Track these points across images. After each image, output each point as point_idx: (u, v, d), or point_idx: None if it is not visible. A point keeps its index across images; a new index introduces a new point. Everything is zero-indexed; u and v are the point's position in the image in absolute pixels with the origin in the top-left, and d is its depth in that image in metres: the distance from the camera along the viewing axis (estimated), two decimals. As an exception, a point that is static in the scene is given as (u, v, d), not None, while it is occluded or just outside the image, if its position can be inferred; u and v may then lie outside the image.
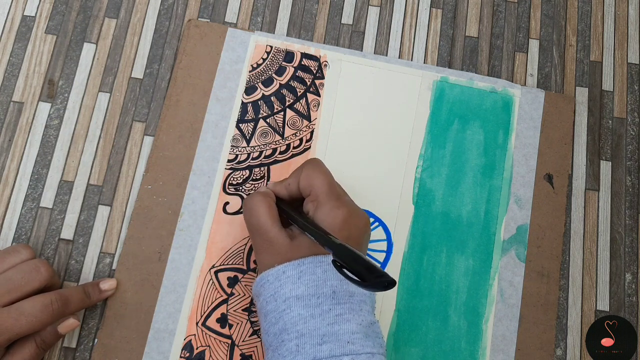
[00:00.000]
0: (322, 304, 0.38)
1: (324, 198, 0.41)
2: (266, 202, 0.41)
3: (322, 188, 0.41)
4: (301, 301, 0.38)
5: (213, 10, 0.52)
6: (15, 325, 0.38)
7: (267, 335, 0.39)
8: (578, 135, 0.52)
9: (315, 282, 0.38)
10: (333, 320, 0.37)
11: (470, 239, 0.49)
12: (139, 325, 0.45)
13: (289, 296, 0.38)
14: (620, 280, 0.49)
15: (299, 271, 0.38)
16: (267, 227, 0.40)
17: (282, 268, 0.39)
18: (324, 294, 0.38)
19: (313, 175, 0.42)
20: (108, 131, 0.49)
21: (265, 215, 0.41)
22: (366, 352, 0.37)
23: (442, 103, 0.51)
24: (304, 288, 0.38)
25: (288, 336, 0.37)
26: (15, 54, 0.50)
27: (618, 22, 0.55)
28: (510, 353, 0.47)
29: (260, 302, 0.40)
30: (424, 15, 0.54)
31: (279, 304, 0.38)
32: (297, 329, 0.37)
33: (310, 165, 0.43)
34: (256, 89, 0.50)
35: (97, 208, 0.48)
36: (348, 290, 0.39)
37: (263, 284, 0.39)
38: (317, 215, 0.40)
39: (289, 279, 0.38)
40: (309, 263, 0.39)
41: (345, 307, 0.38)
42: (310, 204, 0.41)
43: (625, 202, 0.51)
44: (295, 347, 0.37)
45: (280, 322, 0.38)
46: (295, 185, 0.43)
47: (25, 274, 0.40)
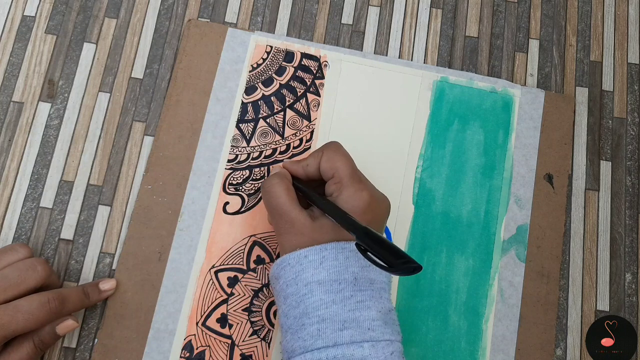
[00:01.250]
0: (344, 289, 0.38)
1: (348, 181, 0.41)
2: (284, 183, 0.42)
3: (346, 171, 0.41)
4: (323, 286, 0.38)
5: (213, 10, 0.52)
6: (12, 323, 0.38)
7: (286, 318, 0.39)
8: (578, 135, 0.52)
9: (337, 268, 0.38)
10: (354, 307, 0.37)
11: (470, 239, 0.49)
12: (139, 325, 0.45)
13: (310, 280, 0.38)
14: (620, 280, 0.49)
15: (321, 256, 0.38)
16: (287, 207, 0.40)
17: (304, 252, 0.39)
18: (346, 280, 0.38)
19: (336, 158, 0.42)
20: (108, 131, 0.49)
21: (285, 196, 0.41)
22: (385, 339, 0.37)
23: (442, 103, 0.51)
24: (326, 273, 0.38)
25: (309, 320, 0.37)
26: (15, 54, 0.50)
27: (618, 22, 0.55)
28: (510, 353, 0.47)
29: (279, 284, 0.40)
30: (424, 15, 0.54)
31: (300, 288, 0.38)
32: (318, 313, 0.37)
33: (332, 148, 0.43)
34: (256, 89, 0.50)
35: (97, 208, 0.48)
36: (369, 277, 0.39)
37: (284, 267, 0.40)
38: (341, 198, 0.40)
39: (311, 263, 0.38)
40: (331, 249, 0.39)
41: (366, 294, 0.38)
42: (334, 186, 0.41)
43: (625, 202, 0.51)
44: (316, 332, 0.37)
45: (301, 305, 0.38)
46: (315, 166, 0.43)
47: (22, 272, 0.40)
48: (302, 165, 0.44)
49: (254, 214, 0.48)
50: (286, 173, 0.43)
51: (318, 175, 0.43)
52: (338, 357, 0.36)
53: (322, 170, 0.42)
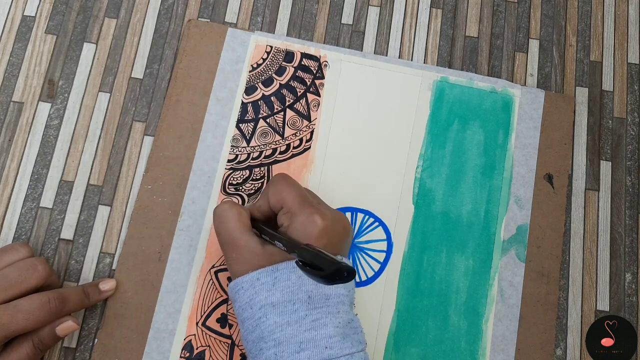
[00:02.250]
0: (299, 310, 0.37)
1: (297, 208, 0.40)
2: (235, 209, 0.41)
3: (293, 199, 0.41)
4: (277, 308, 0.37)
5: (213, 10, 0.52)
6: (12, 323, 0.38)
7: (246, 342, 0.39)
8: (578, 135, 0.52)
9: (291, 287, 0.38)
10: (310, 326, 0.37)
11: (470, 239, 0.49)
12: (139, 325, 0.45)
13: (264, 303, 0.38)
14: (620, 280, 0.49)
15: (273, 277, 0.38)
16: (237, 234, 0.40)
17: (256, 275, 0.38)
18: (300, 299, 0.38)
19: (280, 190, 0.41)
20: (108, 131, 0.49)
21: (235, 222, 0.40)
22: (345, 354, 0.37)
23: (442, 103, 0.51)
24: (279, 294, 0.38)
25: (266, 344, 0.37)
26: (15, 54, 0.50)
27: (618, 22, 0.55)
28: (510, 353, 0.47)
29: (236, 308, 0.40)
30: (424, 15, 0.54)
31: (255, 312, 0.38)
32: (274, 337, 0.37)
33: (276, 180, 0.43)
34: (256, 89, 0.50)
35: (97, 208, 0.48)
36: (324, 293, 0.38)
37: (237, 291, 0.39)
38: (292, 227, 0.40)
39: (264, 285, 0.38)
40: (283, 269, 0.38)
41: (321, 311, 0.38)
42: (284, 217, 0.41)
43: (625, 202, 0.51)
44: (273, 356, 0.37)
45: (257, 330, 0.38)
46: (266, 204, 0.42)
47: (22, 271, 0.40)
48: (256, 207, 0.43)
49: (254, 214, 0.48)
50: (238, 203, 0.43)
51: (272, 212, 0.42)
52: None
53: (271, 204, 0.42)
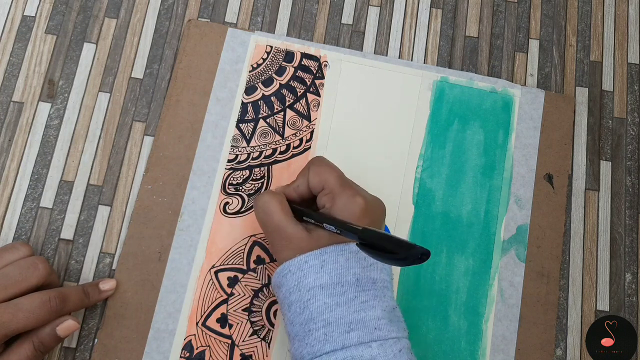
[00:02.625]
0: (347, 292, 0.38)
1: (339, 189, 0.41)
2: (277, 199, 0.42)
3: (335, 180, 0.41)
4: (325, 290, 0.38)
5: (213, 10, 0.52)
6: (12, 321, 0.38)
7: (292, 326, 0.39)
8: (578, 135, 0.52)
9: (339, 270, 0.38)
10: (359, 308, 0.38)
11: (470, 239, 0.49)
12: (139, 325, 0.45)
13: (312, 285, 0.38)
14: (620, 280, 0.49)
15: (321, 260, 0.39)
16: (283, 223, 0.40)
17: (304, 258, 0.39)
18: (348, 282, 0.38)
19: (322, 170, 0.42)
20: (108, 131, 0.49)
21: (279, 212, 0.41)
22: (392, 337, 0.37)
23: (442, 103, 0.51)
24: (328, 277, 0.38)
25: (315, 325, 0.38)
26: (15, 54, 0.50)
27: (618, 22, 0.55)
28: (510, 353, 0.47)
29: (282, 292, 0.40)
30: (424, 15, 0.54)
31: (303, 294, 0.38)
32: (323, 317, 0.37)
33: (316, 162, 0.43)
34: (256, 89, 0.50)
35: (97, 208, 0.48)
36: (371, 276, 0.39)
37: (285, 275, 0.39)
38: (335, 207, 0.40)
39: (312, 268, 0.38)
40: (331, 252, 0.39)
41: (369, 293, 0.38)
42: (325, 197, 0.41)
43: (625, 202, 0.51)
44: (323, 336, 0.37)
45: (305, 311, 0.38)
46: (305, 185, 0.43)
47: (23, 270, 0.40)
48: (292, 187, 0.43)
49: (254, 214, 0.48)
50: (278, 191, 0.43)
51: (310, 193, 0.43)
52: (347, 359, 0.36)
53: (311, 185, 0.42)
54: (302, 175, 0.43)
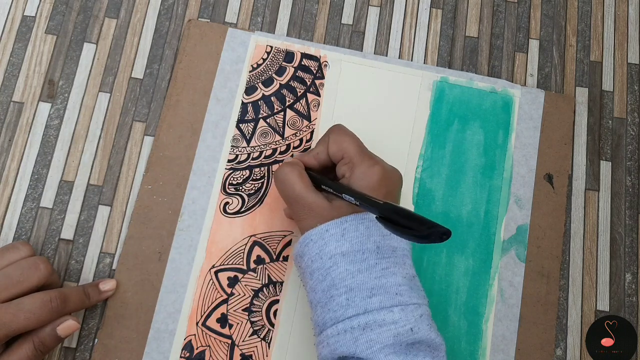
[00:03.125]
0: (368, 258, 0.38)
1: (358, 159, 0.41)
2: (296, 170, 0.42)
3: (354, 149, 0.42)
4: (347, 257, 0.38)
5: (213, 10, 0.52)
6: (14, 321, 0.38)
7: (314, 293, 0.40)
8: (578, 135, 0.52)
9: (359, 238, 0.39)
10: (380, 274, 0.38)
11: (470, 239, 0.49)
12: (139, 325, 0.45)
13: (334, 253, 0.39)
14: (620, 280, 0.49)
15: (342, 229, 0.39)
16: (304, 193, 0.41)
17: (325, 227, 0.39)
18: (369, 249, 0.39)
19: (342, 139, 0.43)
20: (108, 131, 0.49)
21: (299, 182, 0.41)
22: (413, 303, 0.38)
23: (442, 103, 0.51)
24: (349, 245, 0.39)
25: (337, 291, 0.38)
26: (15, 54, 0.50)
27: (618, 22, 0.55)
28: (510, 353, 0.47)
29: (304, 261, 0.40)
30: (424, 15, 0.54)
31: (325, 262, 0.39)
32: (345, 283, 0.38)
33: (336, 130, 0.44)
34: (256, 89, 0.50)
35: (97, 208, 0.48)
36: (391, 245, 0.39)
37: (307, 244, 0.40)
38: (354, 176, 0.41)
39: (333, 236, 0.39)
40: (351, 220, 0.39)
41: (390, 261, 0.39)
42: (345, 167, 0.42)
43: (625, 202, 0.51)
44: (345, 301, 0.37)
45: (327, 278, 0.39)
46: (325, 153, 0.43)
47: (24, 270, 0.40)
48: (312, 155, 0.44)
49: (254, 214, 0.48)
50: (297, 161, 0.44)
51: (329, 161, 0.44)
52: (370, 323, 0.37)
53: (330, 153, 0.43)
54: (322, 142, 0.44)
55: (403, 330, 0.36)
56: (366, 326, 0.36)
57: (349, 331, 0.37)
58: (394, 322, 0.37)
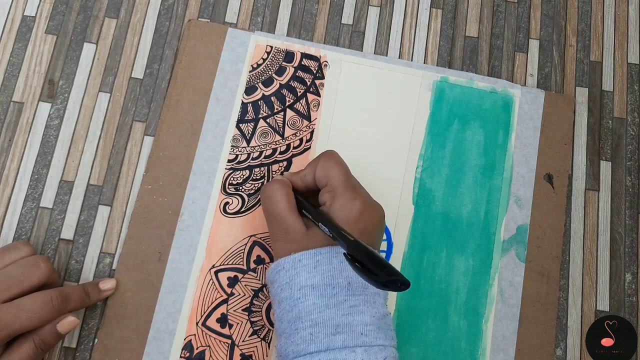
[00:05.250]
0: (337, 294, 0.38)
1: (341, 189, 0.41)
2: (284, 189, 0.42)
3: (339, 179, 0.41)
4: (316, 290, 0.38)
5: (213, 10, 0.52)
6: (15, 321, 0.38)
7: (280, 323, 0.39)
8: (578, 135, 0.52)
9: (331, 272, 0.38)
10: (347, 312, 0.37)
11: (470, 239, 0.49)
12: (139, 325, 0.45)
13: (304, 285, 0.38)
14: (620, 280, 0.49)
15: (315, 260, 0.39)
16: (285, 214, 0.41)
17: (298, 256, 0.39)
18: (340, 284, 0.38)
19: (329, 166, 0.42)
20: (108, 131, 0.49)
21: (284, 202, 0.41)
22: (379, 344, 0.37)
23: (442, 103, 0.51)
24: (320, 277, 0.38)
25: (302, 324, 0.38)
26: (15, 54, 0.50)
27: (618, 22, 0.55)
28: (510, 353, 0.47)
29: (274, 288, 0.40)
30: (424, 15, 0.54)
31: (294, 292, 0.38)
32: (311, 317, 0.37)
33: (326, 156, 0.43)
34: (256, 89, 0.50)
35: (98, 208, 0.48)
36: (363, 282, 0.39)
37: (278, 271, 0.40)
38: (334, 206, 0.40)
39: (305, 267, 0.39)
40: (325, 253, 0.39)
41: (359, 298, 0.38)
42: (327, 195, 0.41)
43: (625, 202, 0.51)
44: (309, 336, 0.37)
45: (294, 310, 0.38)
46: (312, 176, 0.43)
47: (25, 269, 0.40)
48: (300, 176, 0.44)
49: (254, 214, 0.48)
50: (287, 180, 0.44)
51: (315, 185, 0.43)
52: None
53: (316, 178, 0.42)
54: (311, 166, 0.44)
55: None
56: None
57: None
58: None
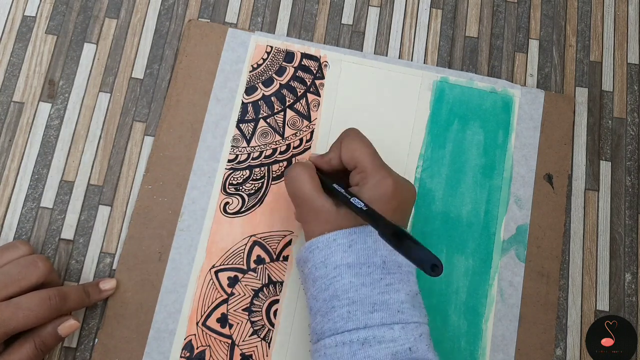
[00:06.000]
0: (373, 273, 0.38)
1: (371, 169, 0.41)
2: (307, 172, 0.42)
3: (367, 159, 0.41)
4: (352, 269, 0.38)
5: (213, 10, 0.52)
6: (12, 319, 0.38)
7: (315, 301, 0.39)
8: (578, 136, 0.52)
9: (366, 251, 0.39)
10: (384, 290, 0.38)
11: (470, 239, 0.49)
12: (139, 325, 0.45)
13: (339, 263, 0.38)
14: (620, 280, 0.49)
15: (350, 240, 0.39)
16: (312, 196, 0.40)
17: (332, 236, 0.39)
18: (375, 263, 0.38)
19: (355, 147, 0.42)
20: (108, 131, 0.49)
21: (309, 184, 0.41)
22: (414, 322, 0.38)
23: (442, 103, 0.51)
24: (355, 257, 0.38)
25: (339, 302, 0.38)
26: (15, 54, 0.50)
27: (618, 22, 0.55)
28: (510, 353, 0.47)
29: (308, 267, 0.40)
30: (424, 15, 0.54)
31: (329, 271, 0.39)
32: (348, 295, 0.38)
33: (349, 136, 0.43)
34: (256, 89, 0.50)
35: (98, 208, 0.48)
36: (397, 260, 0.39)
37: (312, 250, 0.40)
38: (366, 187, 0.40)
39: (340, 247, 0.39)
40: (360, 232, 0.39)
41: (395, 277, 0.38)
42: (358, 176, 0.41)
43: (625, 202, 0.51)
44: (346, 314, 0.37)
45: (330, 288, 0.38)
46: (337, 159, 0.43)
47: (23, 268, 0.40)
48: (325, 160, 0.44)
49: (254, 214, 0.48)
50: (310, 163, 0.44)
51: (342, 166, 0.43)
52: (369, 338, 0.36)
53: (344, 161, 0.42)
54: (335, 148, 0.43)
55: (401, 349, 0.36)
56: (365, 341, 0.36)
57: (347, 344, 0.37)
58: (393, 339, 0.36)
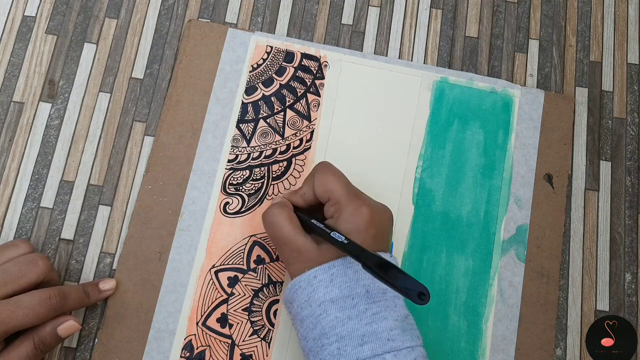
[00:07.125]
0: (358, 304, 0.38)
1: (345, 200, 0.41)
2: (285, 212, 0.41)
3: (340, 190, 0.41)
4: (336, 304, 0.38)
5: (213, 10, 0.52)
6: (12, 318, 0.38)
7: (305, 341, 0.39)
8: (578, 136, 0.52)
9: (348, 283, 0.38)
10: (370, 320, 0.37)
11: (470, 239, 0.49)
12: (139, 325, 0.45)
13: (323, 300, 0.38)
14: (620, 280, 0.49)
15: (330, 274, 0.39)
16: (292, 237, 0.40)
17: (313, 273, 0.39)
18: (358, 294, 0.38)
19: (327, 180, 0.42)
20: (108, 131, 0.49)
21: (288, 225, 0.41)
22: (406, 347, 0.37)
23: (442, 103, 0.51)
24: (338, 290, 0.38)
25: (328, 340, 0.37)
26: (15, 54, 0.50)
27: (618, 22, 0.55)
28: (510, 353, 0.47)
29: (294, 308, 0.40)
30: (424, 15, 0.54)
31: (315, 309, 0.38)
32: (336, 332, 0.37)
33: (321, 170, 0.43)
34: (256, 89, 0.50)
35: (98, 208, 0.48)
36: (380, 287, 0.39)
37: (296, 290, 0.40)
38: (342, 218, 0.40)
39: (321, 283, 0.38)
40: (339, 265, 0.39)
41: (380, 305, 0.38)
42: (332, 208, 0.41)
43: (625, 202, 0.51)
44: (336, 350, 0.37)
45: (318, 326, 0.38)
46: (311, 193, 0.43)
47: (22, 266, 0.40)
48: (299, 194, 0.43)
49: (254, 214, 0.48)
50: (286, 202, 0.43)
51: (316, 200, 0.43)
52: None
53: (317, 194, 0.42)
54: (308, 182, 0.43)
55: None
56: None
57: None
58: None
